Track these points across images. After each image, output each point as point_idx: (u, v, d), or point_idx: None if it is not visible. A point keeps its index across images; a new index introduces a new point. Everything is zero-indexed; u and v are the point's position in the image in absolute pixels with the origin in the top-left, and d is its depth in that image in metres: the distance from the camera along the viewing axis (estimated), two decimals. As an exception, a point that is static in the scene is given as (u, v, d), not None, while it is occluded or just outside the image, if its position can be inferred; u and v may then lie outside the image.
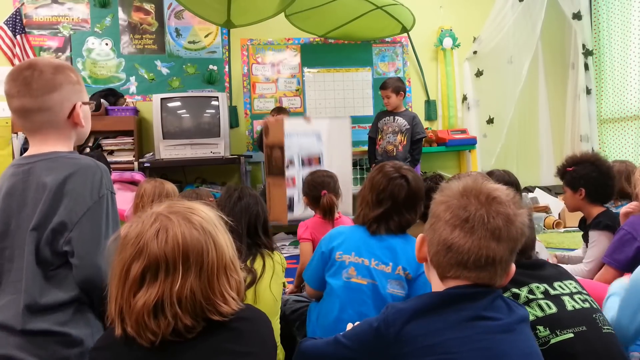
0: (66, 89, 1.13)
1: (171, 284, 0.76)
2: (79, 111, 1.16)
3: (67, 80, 1.14)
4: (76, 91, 1.16)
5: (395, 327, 0.83)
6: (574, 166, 1.94)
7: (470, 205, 0.84)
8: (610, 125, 4.06)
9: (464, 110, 4.29)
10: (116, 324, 0.78)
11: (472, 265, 0.83)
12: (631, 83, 3.75)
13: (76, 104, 1.15)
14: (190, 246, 0.78)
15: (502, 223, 0.83)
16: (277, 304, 1.46)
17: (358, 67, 4.17)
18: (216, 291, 0.80)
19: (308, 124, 3.41)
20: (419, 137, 3.47)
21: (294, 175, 3.37)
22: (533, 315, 0.99)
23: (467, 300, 0.83)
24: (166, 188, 1.99)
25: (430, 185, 1.96)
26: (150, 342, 0.76)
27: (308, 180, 2.14)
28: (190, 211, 0.82)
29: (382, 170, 1.42)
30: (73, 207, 1.05)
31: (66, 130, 1.16)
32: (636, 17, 3.67)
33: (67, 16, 3.79)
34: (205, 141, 3.51)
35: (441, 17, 4.25)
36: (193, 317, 0.77)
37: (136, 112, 3.68)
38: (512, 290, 1.04)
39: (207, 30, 3.98)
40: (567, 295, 1.04)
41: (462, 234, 0.83)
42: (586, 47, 4.05)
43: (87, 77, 3.80)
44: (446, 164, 4.22)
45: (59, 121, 1.14)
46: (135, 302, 0.76)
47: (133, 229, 0.80)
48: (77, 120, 1.16)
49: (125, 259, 0.78)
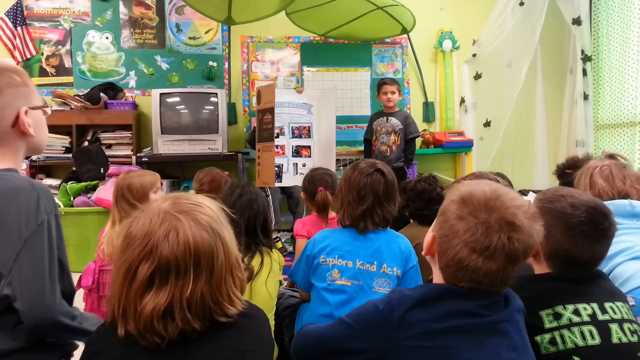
0: (7, 93, 0.98)
1: (182, 288, 0.75)
2: (25, 118, 0.99)
3: (8, 83, 0.98)
4: (21, 95, 1.00)
5: (400, 312, 0.85)
6: (573, 169, 1.97)
7: (494, 235, 0.83)
8: (606, 131, 4.08)
9: (462, 113, 4.30)
10: (119, 325, 0.76)
11: (483, 281, 0.85)
12: (628, 90, 3.77)
13: (20, 110, 0.99)
14: (201, 250, 0.77)
15: (521, 252, 0.84)
16: (273, 301, 1.49)
17: (357, 67, 4.18)
18: (223, 293, 0.79)
19: (299, 94, 3.49)
20: (412, 136, 3.47)
21: (284, 144, 3.43)
22: (572, 342, 0.93)
23: (470, 297, 0.86)
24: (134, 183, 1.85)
25: (424, 187, 1.97)
26: (156, 344, 0.75)
27: (307, 176, 2.17)
28: (198, 209, 0.81)
29: (357, 169, 1.46)
30: (6, 243, 0.89)
31: (10, 140, 0.99)
32: (635, 24, 3.69)
33: (68, 9, 3.80)
34: (203, 137, 3.52)
35: (441, 19, 4.26)
36: (201, 320, 0.77)
37: (135, 106, 3.69)
38: (555, 309, 0.97)
39: (208, 27, 3.99)
40: (616, 323, 0.96)
41: (480, 259, 0.83)
42: (585, 53, 4.07)
43: (86, 70, 3.81)
44: (442, 165, 4.24)
45: (1, 131, 0.98)
46: (144, 305, 0.74)
47: (140, 227, 0.77)
48: (23, 129, 0.99)
49: (132, 259, 0.75)
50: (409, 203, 2.06)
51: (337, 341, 0.92)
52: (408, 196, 2.06)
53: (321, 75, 4.15)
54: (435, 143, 4.08)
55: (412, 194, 2.02)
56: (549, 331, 0.95)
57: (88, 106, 3.48)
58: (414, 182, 2.03)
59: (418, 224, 1.98)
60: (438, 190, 1.95)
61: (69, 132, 3.46)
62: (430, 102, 4.31)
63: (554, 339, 0.95)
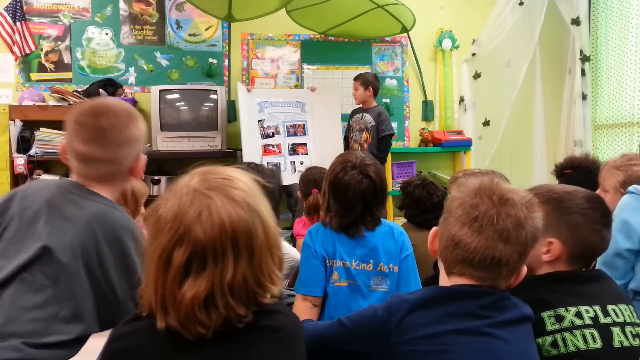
0: (139, 143, 1.07)
1: (221, 272, 0.69)
2: (142, 163, 1.09)
3: (140, 133, 1.08)
4: (142, 142, 1.09)
5: (398, 316, 0.85)
6: (572, 169, 1.98)
7: (482, 205, 0.84)
8: (604, 131, 4.10)
9: (461, 112, 4.31)
10: (158, 317, 0.70)
11: (477, 264, 0.84)
12: (626, 90, 3.79)
13: (141, 157, 1.08)
14: (238, 229, 0.70)
15: (512, 225, 0.83)
16: None
17: (357, 65, 4.18)
18: (265, 273, 0.73)
19: (294, 93, 3.58)
20: (383, 134, 3.32)
21: (280, 142, 3.45)
22: (574, 345, 0.93)
23: (469, 298, 0.85)
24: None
25: (422, 194, 1.97)
26: (200, 335, 0.69)
27: (302, 176, 2.15)
28: (230, 184, 0.73)
29: (343, 178, 1.33)
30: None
31: (122, 183, 1.10)
32: (633, 25, 3.71)
33: (67, 4, 3.78)
34: (202, 134, 3.52)
35: (441, 18, 4.27)
36: (246, 305, 0.71)
37: (134, 102, 3.68)
38: (557, 312, 0.96)
39: (208, 24, 3.98)
40: (618, 327, 0.96)
41: (470, 232, 0.84)
42: (584, 53, 4.08)
43: (86, 66, 3.80)
44: (441, 164, 4.25)
45: (121, 173, 1.06)
46: (183, 293, 0.68)
47: (169, 209, 0.71)
48: (139, 174, 1.09)
49: (164, 245, 0.69)
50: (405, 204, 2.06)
51: (334, 342, 0.93)
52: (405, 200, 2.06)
53: (321, 73, 4.15)
54: (434, 142, 4.09)
55: (408, 200, 2.02)
56: (551, 333, 0.95)
57: (87, 102, 3.47)
58: (413, 185, 2.02)
59: (412, 226, 1.98)
60: (435, 200, 1.94)
61: (68, 128, 3.45)
62: (430, 100, 4.32)
63: (555, 341, 0.94)
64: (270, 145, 3.48)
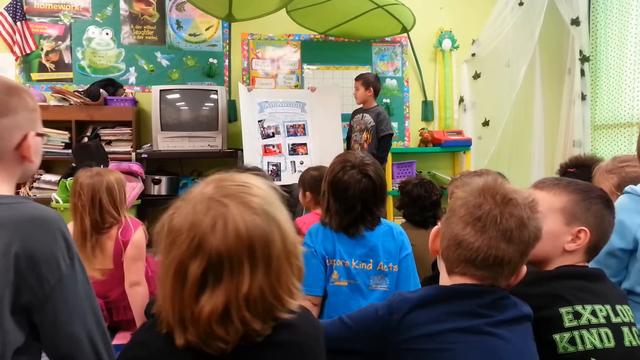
0: (21, 115, 0.93)
1: (237, 284, 0.66)
2: (31, 142, 0.94)
3: (24, 105, 0.94)
4: (31, 119, 0.96)
5: (399, 315, 0.86)
6: (576, 168, 1.99)
7: (485, 204, 0.85)
8: (603, 131, 4.11)
9: (461, 112, 4.32)
10: (177, 334, 0.67)
11: (479, 263, 0.85)
12: (625, 90, 3.80)
13: (28, 134, 0.94)
14: (255, 237, 0.67)
15: (515, 225, 0.83)
16: None
17: (357, 65, 4.19)
18: (283, 285, 0.70)
19: (294, 93, 3.59)
20: (383, 134, 3.32)
21: (280, 142, 3.46)
22: (590, 343, 0.93)
23: (470, 297, 0.86)
24: (106, 180, 1.85)
25: (421, 193, 1.98)
26: (221, 350, 0.66)
27: (300, 176, 2.15)
28: (246, 191, 0.70)
29: (345, 172, 1.35)
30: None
31: (9, 163, 0.94)
32: (632, 26, 3.71)
33: (68, 4, 3.79)
34: (203, 134, 3.53)
35: (441, 18, 4.28)
36: (262, 320, 0.68)
37: (135, 102, 3.69)
38: (575, 308, 0.96)
39: (208, 24, 3.99)
40: (627, 326, 0.97)
41: (473, 231, 0.84)
42: (583, 54, 4.09)
43: (86, 66, 3.81)
44: (440, 164, 4.26)
45: (4, 152, 0.92)
46: (201, 308, 0.65)
47: (183, 219, 0.68)
48: (26, 154, 0.94)
49: (180, 258, 0.66)
50: (404, 203, 2.08)
51: (335, 340, 0.93)
52: (403, 198, 2.08)
53: (321, 73, 4.16)
54: (433, 142, 4.10)
55: (407, 198, 2.03)
56: (569, 330, 0.95)
57: (88, 102, 3.48)
58: (411, 184, 2.03)
59: (411, 225, 2.00)
60: (434, 198, 1.96)
61: (68, 127, 3.46)
62: (430, 101, 4.33)
63: (573, 338, 0.94)
64: (271, 145, 3.49)
